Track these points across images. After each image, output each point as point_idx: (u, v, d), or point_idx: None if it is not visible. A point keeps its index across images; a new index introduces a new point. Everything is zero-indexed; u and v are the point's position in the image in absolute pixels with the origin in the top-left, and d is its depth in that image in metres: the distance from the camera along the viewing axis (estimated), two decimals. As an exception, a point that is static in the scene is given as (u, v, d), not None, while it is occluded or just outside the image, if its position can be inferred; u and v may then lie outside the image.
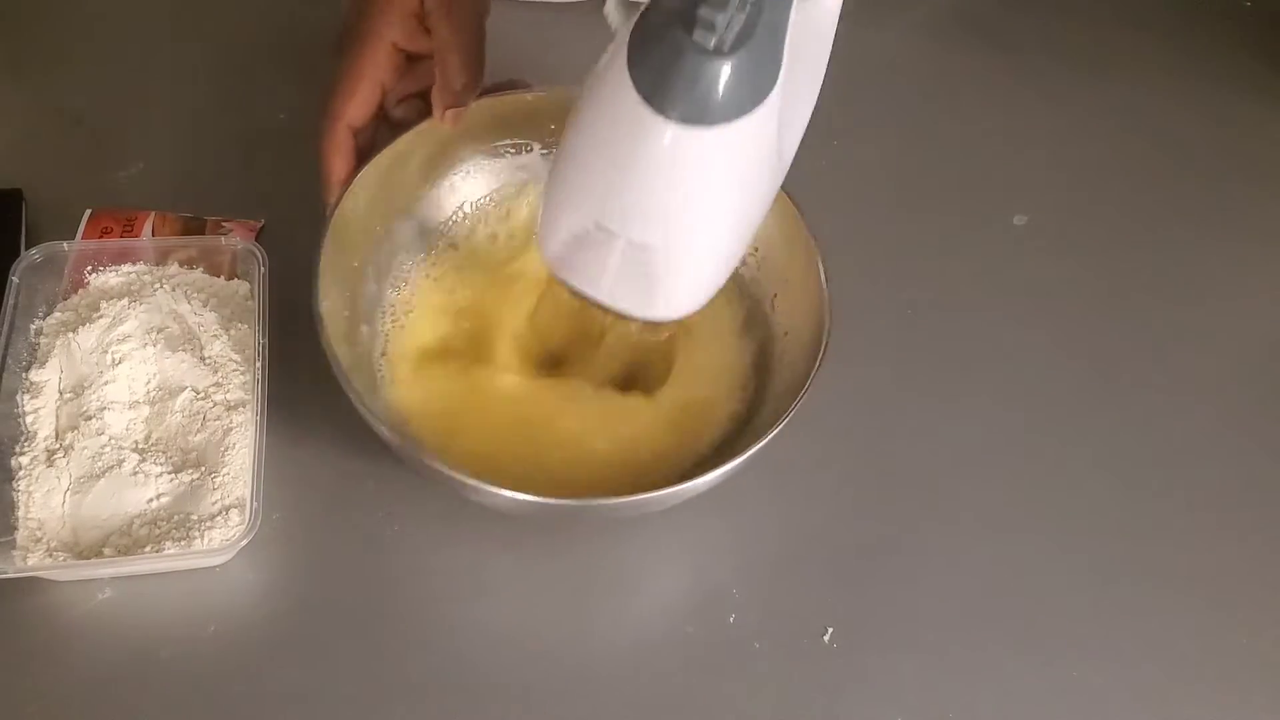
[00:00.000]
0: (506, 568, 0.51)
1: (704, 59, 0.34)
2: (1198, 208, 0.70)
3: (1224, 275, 0.67)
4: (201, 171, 0.64)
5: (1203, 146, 0.73)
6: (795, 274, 0.53)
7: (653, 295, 0.41)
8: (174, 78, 0.69)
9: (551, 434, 0.52)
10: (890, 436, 0.58)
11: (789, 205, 0.52)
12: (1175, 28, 0.80)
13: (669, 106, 0.34)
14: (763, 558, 0.52)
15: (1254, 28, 0.81)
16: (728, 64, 0.34)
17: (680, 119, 0.35)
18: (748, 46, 0.34)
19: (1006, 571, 0.53)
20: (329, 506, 0.52)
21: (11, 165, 0.62)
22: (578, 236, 0.40)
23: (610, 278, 0.40)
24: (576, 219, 0.39)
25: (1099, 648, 0.51)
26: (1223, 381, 0.62)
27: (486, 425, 0.52)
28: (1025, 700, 0.49)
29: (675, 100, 0.34)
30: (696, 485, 0.45)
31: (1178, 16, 0.81)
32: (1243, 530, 0.56)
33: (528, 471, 0.49)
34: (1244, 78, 0.78)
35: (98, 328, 0.52)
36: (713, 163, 0.37)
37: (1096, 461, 0.58)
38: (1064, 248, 0.66)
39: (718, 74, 0.34)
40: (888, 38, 0.75)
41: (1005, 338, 0.62)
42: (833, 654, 0.50)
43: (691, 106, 0.34)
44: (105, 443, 0.49)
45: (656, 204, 0.38)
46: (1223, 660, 0.51)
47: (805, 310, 0.52)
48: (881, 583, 0.52)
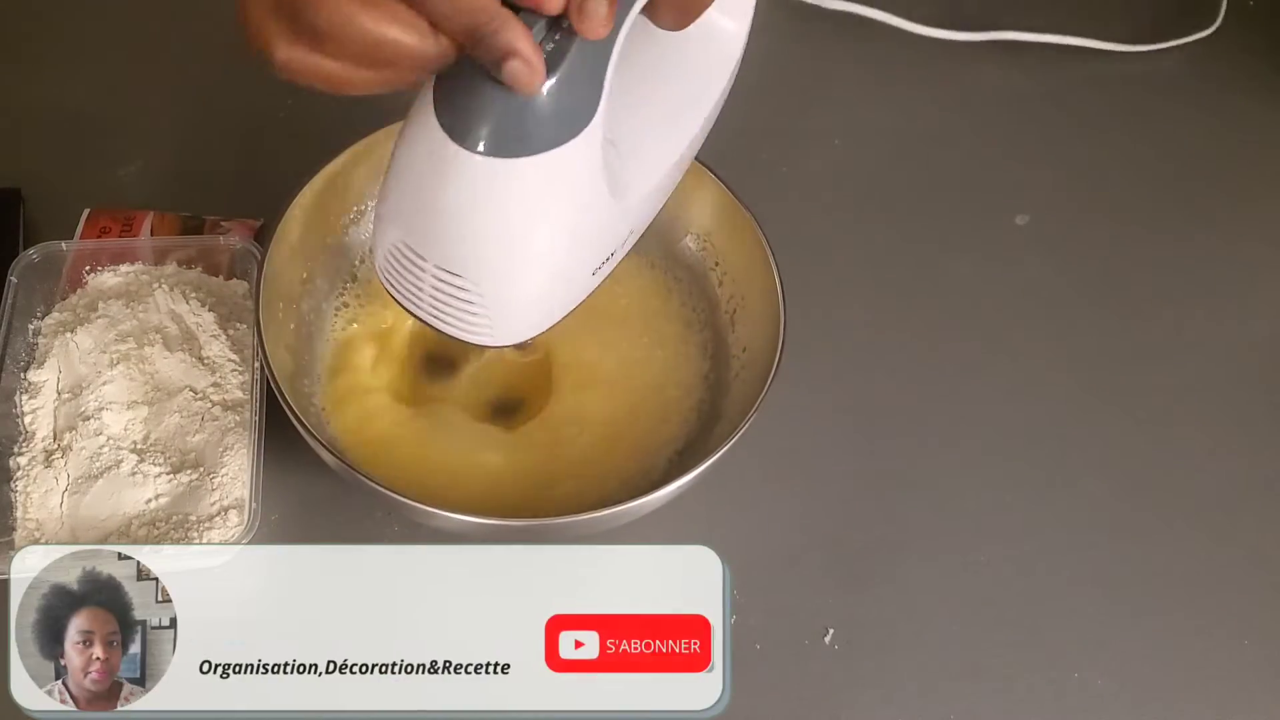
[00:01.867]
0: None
1: (501, 91, 0.33)
2: (1199, 208, 0.70)
3: (1225, 275, 0.67)
4: (200, 171, 0.64)
5: (1204, 146, 0.73)
6: (753, 291, 0.53)
7: (472, 321, 0.39)
8: (173, 77, 0.69)
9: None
10: (891, 437, 0.57)
11: (748, 220, 0.52)
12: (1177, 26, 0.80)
13: (468, 138, 0.34)
14: (763, 558, 0.52)
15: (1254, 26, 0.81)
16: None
17: (483, 151, 0.34)
18: (555, 79, 0.33)
19: (1007, 572, 0.53)
20: (329, 506, 0.51)
21: (10, 164, 0.62)
22: (394, 255, 0.39)
23: (428, 299, 0.39)
24: (391, 237, 0.39)
25: (1100, 648, 0.51)
26: (1224, 382, 0.61)
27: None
28: (1026, 701, 0.49)
29: (475, 132, 0.34)
30: (643, 504, 0.45)
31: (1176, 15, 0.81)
32: (1243, 531, 0.56)
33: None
34: (1244, 76, 0.77)
35: (96, 328, 0.52)
36: (519, 195, 0.35)
37: (1097, 462, 0.57)
38: (1065, 248, 0.66)
39: (517, 107, 0.33)
40: (889, 37, 0.75)
41: (1005, 338, 0.62)
42: (834, 655, 0.49)
43: (492, 139, 0.34)
44: (103, 443, 0.49)
45: (462, 233, 0.37)
46: (1223, 661, 0.51)
47: (763, 330, 0.51)
48: (883, 584, 0.52)
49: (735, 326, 0.54)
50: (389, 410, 0.52)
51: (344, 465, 0.44)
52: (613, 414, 0.53)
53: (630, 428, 0.53)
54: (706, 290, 0.56)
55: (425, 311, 0.40)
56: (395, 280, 0.40)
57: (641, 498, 0.44)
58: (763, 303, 0.51)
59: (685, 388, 0.54)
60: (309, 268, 0.53)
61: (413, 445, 0.51)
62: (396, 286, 0.40)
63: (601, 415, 0.53)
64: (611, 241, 0.42)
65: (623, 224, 0.42)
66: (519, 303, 0.40)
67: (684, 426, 0.53)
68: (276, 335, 0.49)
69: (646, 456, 0.52)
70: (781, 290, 0.50)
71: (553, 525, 0.46)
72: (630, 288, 0.56)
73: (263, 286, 0.48)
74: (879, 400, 0.59)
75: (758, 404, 0.47)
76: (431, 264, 0.38)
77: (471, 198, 0.35)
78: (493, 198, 0.35)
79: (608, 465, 0.52)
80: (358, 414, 0.52)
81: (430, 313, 0.40)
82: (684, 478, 0.45)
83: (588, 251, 0.41)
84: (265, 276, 0.49)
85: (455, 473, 0.51)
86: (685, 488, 0.45)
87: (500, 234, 0.37)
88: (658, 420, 0.53)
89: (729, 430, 0.46)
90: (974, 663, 0.50)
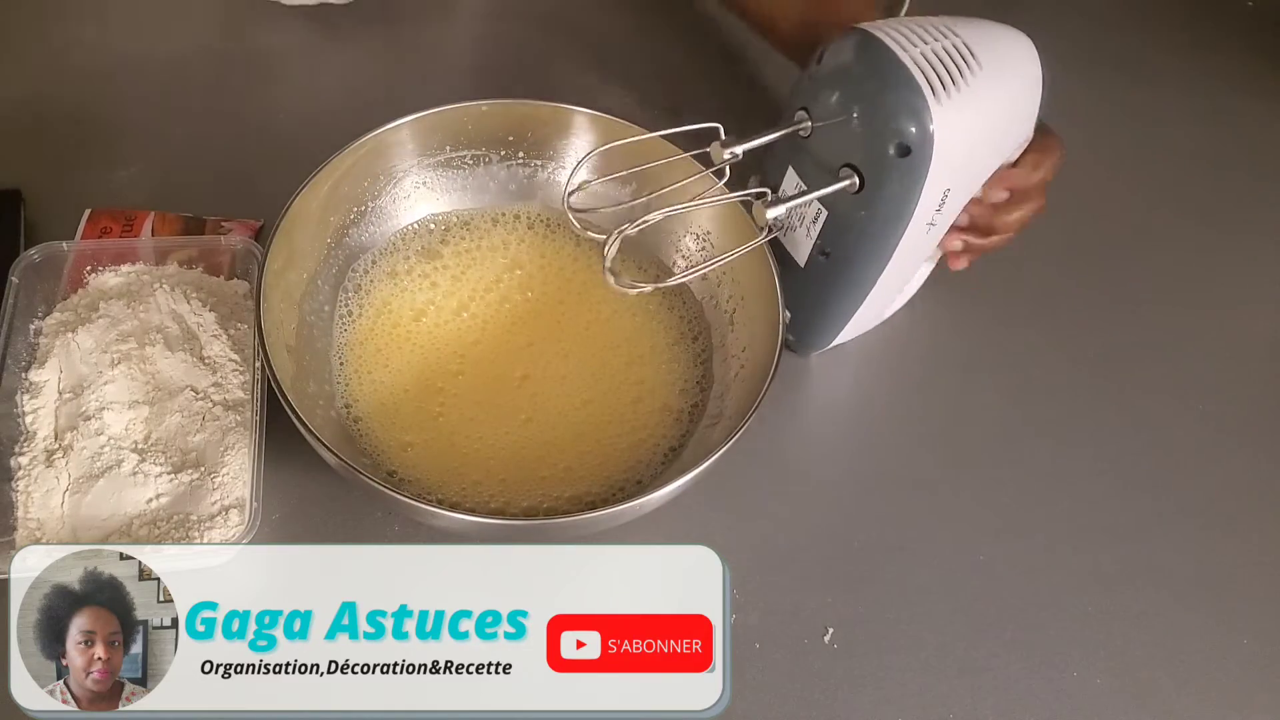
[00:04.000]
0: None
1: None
2: (1200, 207, 0.70)
3: (1226, 275, 0.67)
4: (201, 171, 0.64)
5: (1205, 145, 0.73)
6: (753, 291, 0.53)
7: None
8: (173, 78, 0.69)
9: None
10: (890, 437, 0.57)
11: (748, 220, 0.52)
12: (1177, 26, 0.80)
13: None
14: (763, 558, 0.52)
15: (1256, 26, 0.81)
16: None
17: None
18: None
19: (1007, 572, 0.53)
20: (329, 506, 0.52)
21: (11, 165, 0.62)
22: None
23: None
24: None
25: (1099, 648, 0.51)
26: (1224, 382, 0.62)
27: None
28: (1026, 701, 0.49)
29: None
30: (632, 507, 0.45)
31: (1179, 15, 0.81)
32: (1244, 531, 0.56)
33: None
34: (1246, 76, 0.78)
35: (97, 327, 0.52)
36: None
37: (1097, 461, 0.57)
38: (1065, 247, 0.66)
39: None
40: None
41: (1005, 338, 0.62)
42: (834, 654, 0.50)
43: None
44: (104, 443, 0.49)
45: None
46: (1223, 661, 0.51)
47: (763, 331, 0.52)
48: (882, 583, 0.52)
49: (735, 326, 0.54)
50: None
51: (344, 465, 0.44)
52: (613, 413, 0.53)
53: (630, 427, 0.53)
54: (706, 290, 0.56)
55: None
56: None
57: (641, 497, 0.45)
58: (763, 303, 0.51)
59: (684, 387, 0.55)
60: (310, 267, 0.53)
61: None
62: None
63: (602, 415, 0.53)
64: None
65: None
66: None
67: (683, 426, 0.53)
68: (277, 335, 0.49)
69: (646, 457, 0.52)
70: (781, 290, 0.50)
71: (553, 525, 0.46)
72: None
73: (264, 286, 0.48)
74: (876, 399, 0.59)
75: (757, 404, 0.47)
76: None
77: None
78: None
79: (608, 465, 0.52)
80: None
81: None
82: (684, 477, 0.45)
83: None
84: (266, 276, 0.49)
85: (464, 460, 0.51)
86: (685, 487, 0.45)
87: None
88: (657, 420, 0.53)
89: (729, 430, 0.46)
90: (974, 663, 0.50)
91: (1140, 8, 0.80)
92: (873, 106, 0.45)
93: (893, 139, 0.45)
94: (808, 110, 0.48)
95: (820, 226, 0.50)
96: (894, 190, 0.47)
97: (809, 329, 0.56)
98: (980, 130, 0.47)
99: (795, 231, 0.52)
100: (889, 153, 0.45)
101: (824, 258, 0.51)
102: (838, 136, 0.47)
